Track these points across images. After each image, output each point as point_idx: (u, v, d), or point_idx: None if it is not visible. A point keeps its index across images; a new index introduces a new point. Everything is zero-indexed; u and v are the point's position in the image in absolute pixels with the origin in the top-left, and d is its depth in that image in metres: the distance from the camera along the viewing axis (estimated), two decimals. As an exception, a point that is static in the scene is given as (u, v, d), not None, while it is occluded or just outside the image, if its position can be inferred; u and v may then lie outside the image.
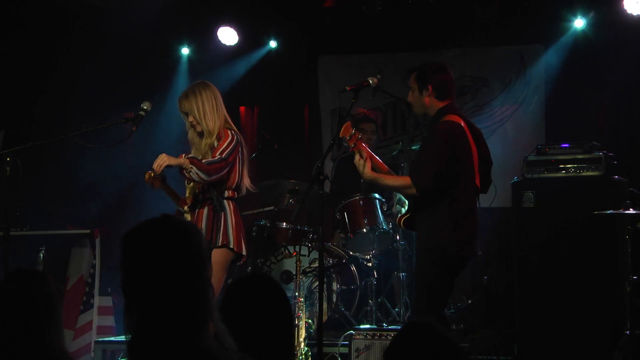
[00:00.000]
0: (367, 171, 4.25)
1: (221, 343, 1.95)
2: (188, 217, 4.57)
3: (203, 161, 4.42)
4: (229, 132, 4.60)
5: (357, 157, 4.25)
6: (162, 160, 4.33)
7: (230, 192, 4.65)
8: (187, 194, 4.64)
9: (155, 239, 1.95)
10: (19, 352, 2.50)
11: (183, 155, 4.51)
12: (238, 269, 6.35)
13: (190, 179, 4.43)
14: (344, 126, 4.29)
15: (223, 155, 4.48)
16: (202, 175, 4.38)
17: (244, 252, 4.66)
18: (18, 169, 4.44)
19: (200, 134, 4.65)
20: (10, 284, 2.62)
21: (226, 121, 4.69)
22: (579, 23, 7.03)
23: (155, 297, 1.90)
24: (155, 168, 4.34)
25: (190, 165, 4.34)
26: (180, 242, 1.96)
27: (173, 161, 4.37)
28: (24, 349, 2.51)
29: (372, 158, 4.38)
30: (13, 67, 7.39)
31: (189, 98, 4.63)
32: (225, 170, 4.54)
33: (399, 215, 4.55)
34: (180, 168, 4.38)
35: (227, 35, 7.54)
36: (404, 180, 4.29)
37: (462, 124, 4.28)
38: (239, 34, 7.54)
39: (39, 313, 2.56)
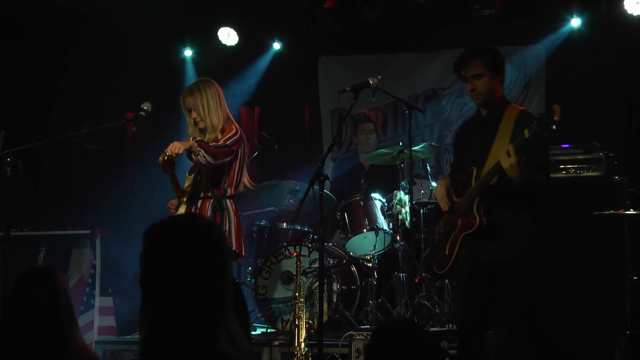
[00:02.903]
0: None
1: (236, 345, 1.94)
2: (184, 208, 4.58)
3: (210, 144, 4.46)
4: (233, 126, 4.65)
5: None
6: (177, 148, 4.35)
7: (231, 189, 4.68)
8: (186, 184, 4.66)
9: (179, 236, 1.94)
10: (46, 348, 2.53)
11: (191, 138, 4.56)
12: (236, 267, 6.38)
13: (198, 162, 4.46)
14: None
15: (228, 142, 4.53)
16: (209, 158, 4.42)
17: (243, 253, 4.70)
18: (18, 170, 4.45)
19: (202, 131, 4.69)
20: (31, 282, 2.64)
21: (228, 117, 4.73)
22: (578, 23, 7.04)
23: (173, 294, 1.89)
24: (171, 154, 4.34)
25: (199, 148, 4.39)
26: (203, 242, 1.95)
27: (185, 145, 4.41)
28: (51, 346, 2.54)
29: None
30: (14, 68, 7.39)
31: (194, 95, 4.66)
32: (229, 158, 4.58)
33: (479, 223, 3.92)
34: (189, 151, 4.41)
35: (227, 36, 7.55)
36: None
37: None
38: (239, 35, 7.54)
39: (61, 311, 2.60)
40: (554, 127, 3.61)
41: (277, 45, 7.83)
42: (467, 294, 4.08)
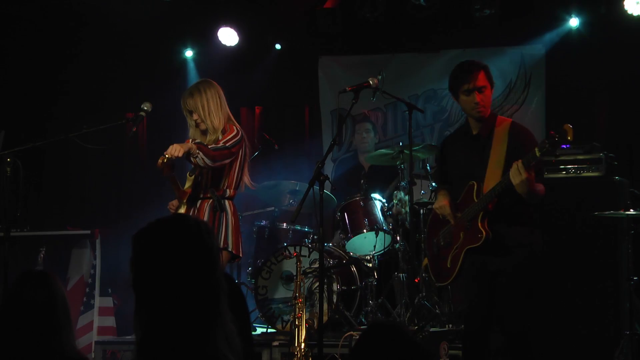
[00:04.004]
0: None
1: (229, 344, 1.94)
2: (184, 209, 4.58)
3: (209, 147, 4.46)
4: (234, 127, 4.65)
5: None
6: (176, 150, 4.35)
7: (231, 190, 4.68)
8: (187, 185, 4.66)
9: (168, 237, 1.94)
10: (38, 353, 2.52)
11: (190, 140, 4.56)
12: (236, 268, 6.38)
13: (196, 165, 4.47)
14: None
15: (227, 145, 4.54)
16: (207, 161, 4.43)
17: (240, 254, 4.71)
18: (18, 170, 4.45)
19: (203, 132, 4.69)
20: (28, 287, 2.64)
21: (229, 118, 4.73)
22: (578, 23, 7.04)
23: (165, 296, 1.89)
24: (170, 157, 4.34)
25: (197, 151, 4.40)
26: (193, 241, 1.94)
27: (184, 147, 4.41)
28: (42, 351, 2.53)
29: None
30: (14, 68, 7.40)
31: (194, 96, 4.66)
32: (229, 160, 4.58)
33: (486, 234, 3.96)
34: (187, 154, 4.41)
35: (228, 36, 7.55)
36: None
37: None
38: (239, 35, 7.55)
39: (58, 315, 2.59)
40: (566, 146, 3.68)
41: (277, 46, 7.83)
42: (474, 299, 4.13)
